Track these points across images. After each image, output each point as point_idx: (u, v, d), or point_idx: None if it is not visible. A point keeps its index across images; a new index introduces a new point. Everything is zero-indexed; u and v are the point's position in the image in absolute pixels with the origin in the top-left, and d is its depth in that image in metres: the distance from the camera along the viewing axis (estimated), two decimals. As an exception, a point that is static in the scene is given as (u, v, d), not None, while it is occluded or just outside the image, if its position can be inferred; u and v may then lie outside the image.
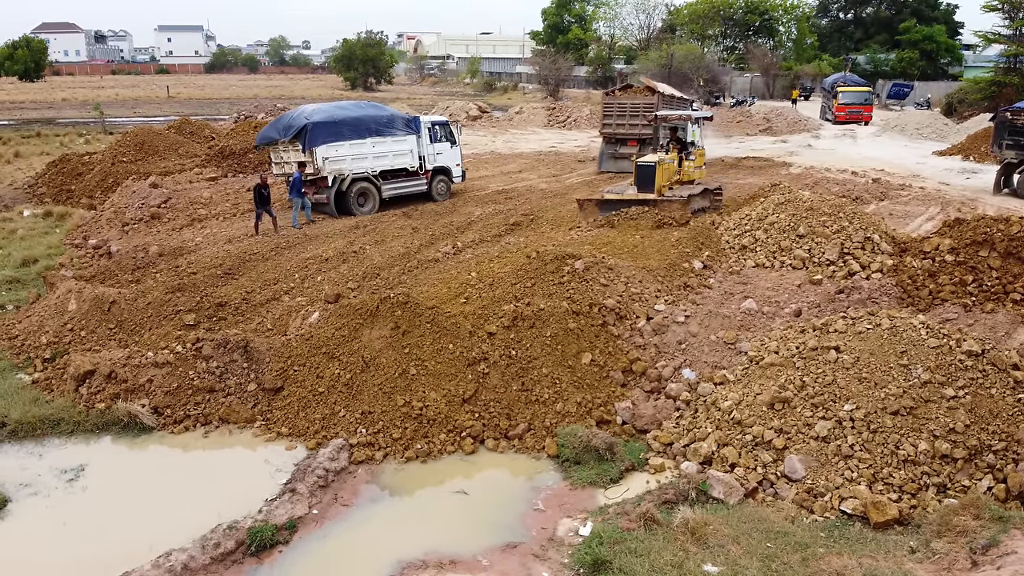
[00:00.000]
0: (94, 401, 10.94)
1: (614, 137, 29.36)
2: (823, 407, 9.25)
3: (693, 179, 21.65)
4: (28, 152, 37.26)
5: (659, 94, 28.41)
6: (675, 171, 20.66)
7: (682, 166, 21.08)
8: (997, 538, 7.22)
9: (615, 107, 29.27)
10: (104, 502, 9.15)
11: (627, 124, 28.94)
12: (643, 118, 27.96)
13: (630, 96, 29.32)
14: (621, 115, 29.02)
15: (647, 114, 27.46)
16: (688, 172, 21.38)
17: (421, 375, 10.75)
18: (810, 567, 7.36)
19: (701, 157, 22.69)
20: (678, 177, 20.81)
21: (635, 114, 28.64)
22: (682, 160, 21.11)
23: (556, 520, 8.61)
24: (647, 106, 28.14)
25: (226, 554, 7.91)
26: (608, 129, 29.51)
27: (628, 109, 28.80)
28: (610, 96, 29.99)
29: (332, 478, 9.29)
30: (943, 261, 13.17)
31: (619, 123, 29.14)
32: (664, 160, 20.05)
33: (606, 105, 29.76)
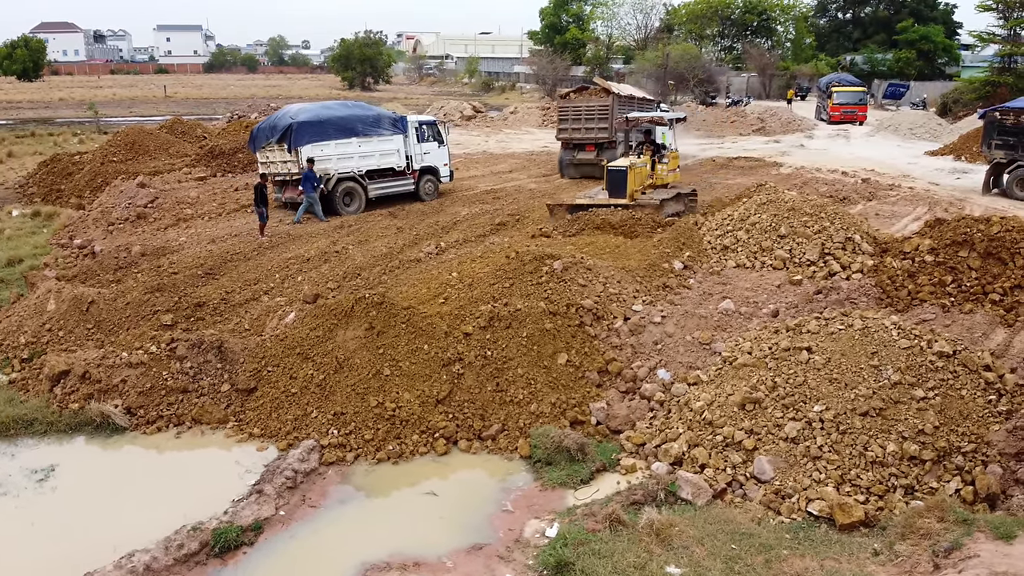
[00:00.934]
0: (68, 401, 10.92)
1: (571, 142, 27.80)
2: (793, 408, 9.23)
3: (667, 183, 21.13)
4: (21, 152, 37.26)
5: (614, 95, 26.81)
6: (648, 175, 20.17)
7: (655, 169, 20.57)
8: (960, 541, 7.19)
9: (570, 110, 27.62)
10: (73, 503, 9.11)
11: (583, 128, 27.33)
12: (598, 121, 26.69)
13: (585, 98, 27.49)
14: (576, 118, 27.43)
15: (602, 117, 26.39)
16: (661, 176, 20.86)
17: (395, 376, 10.73)
18: (772, 569, 7.33)
19: (675, 160, 22.06)
20: (651, 181, 20.36)
21: (590, 117, 27.08)
22: (655, 163, 20.61)
23: (524, 521, 8.58)
24: (602, 108, 26.71)
25: (189, 555, 7.88)
26: (564, 134, 27.92)
27: (583, 112, 27.20)
28: (565, 99, 28.28)
29: (301, 479, 9.27)
30: (923, 261, 13.13)
31: (575, 127, 27.50)
32: (636, 164, 19.55)
33: (560, 108, 28.12)
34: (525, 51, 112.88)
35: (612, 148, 25.93)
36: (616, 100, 26.52)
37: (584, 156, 27.12)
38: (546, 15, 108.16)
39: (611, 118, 26.10)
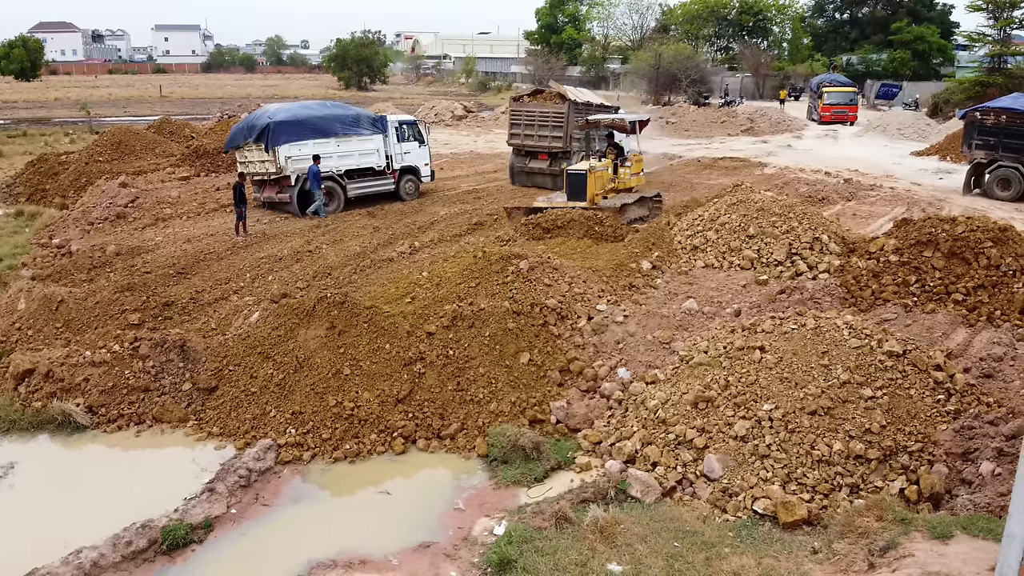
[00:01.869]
0: (31, 400, 10.98)
1: (523, 149, 25.49)
2: (744, 407, 9.29)
3: (631, 187, 20.58)
4: (11, 152, 37.26)
5: (570, 102, 24.38)
6: (609, 179, 19.76)
7: (617, 173, 20.12)
8: (897, 540, 7.25)
9: (523, 115, 25.25)
10: (29, 500, 9.19)
11: (535, 135, 24.92)
12: (552, 129, 24.42)
13: (539, 103, 25.21)
14: (529, 124, 24.97)
15: (557, 124, 24.25)
16: (624, 179, 20.34)
17: (355, 375, 10.79)
18: (712, 567, 7.39)
19: (639, 163, 21.39)
20: (613, 185, 19.89)
21: (544, 124, 24.66)
22: (617, 167, 20.17)
23: (474, 520, 8.65)
24: (556, 116, 24.38)
25: (138, 552, 7.94)
26: (516, 140, 25.47)
27: (536, 118, 24.80)
28: (518, 102, 26.02)
29: (255, 478, 9.32)
30: (887, 262, 13.22)
31: (527, 133, 25.10)
32: (596, 168, 19.16)
33: (513, 113, 25.79)
34: (522, 51, 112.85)
35: (567, 158, 23.98)
36: (572, 107, 24.37)
37: (536, 165, 25.19)
38: (542, 15, 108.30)
39: (566, 126, 24.10)
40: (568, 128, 24.02)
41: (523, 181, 25.61)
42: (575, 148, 24.20)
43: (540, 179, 25.02)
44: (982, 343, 11.16)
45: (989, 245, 12.54)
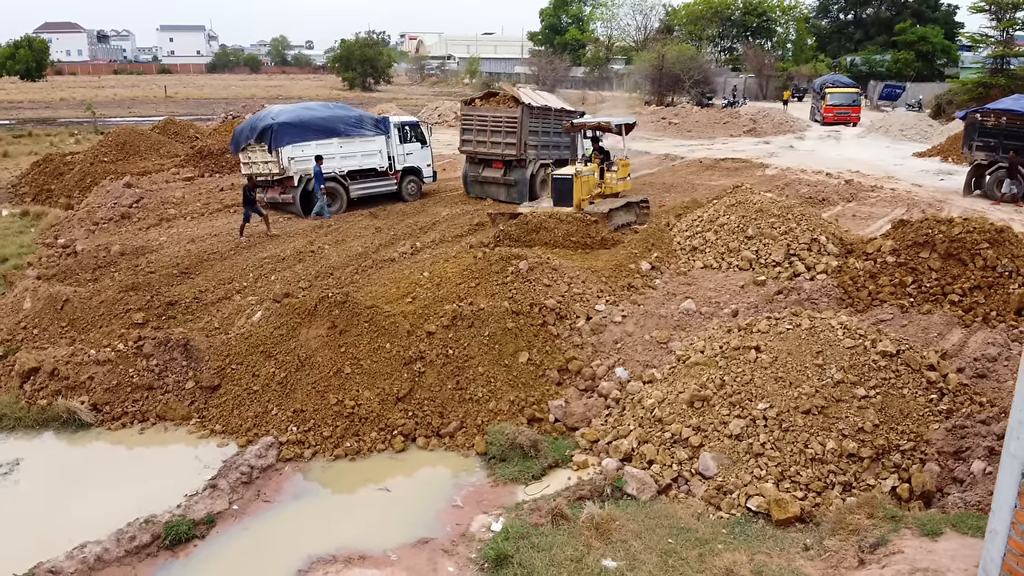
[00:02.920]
0: (37, 398, 11.13)
1: (475, 156, 23.68)
2: (739, 406, 9.40)
3: (617, 191, 20.22)
4: (16, 152, 37.48)
5: (523, 106, 22.43)
6: (596, 183, 19.42)
7: (604, 178, 19.77)
8: (887, 537, 7.36)
9: (475, 120, 23.33)
10: (34, 496, 9.32)
11: (488, 141, 22.99)
12: (505, 135, 22.57)
13: (492, 107, 23.19)
14: (481, 130, 23.09)
15: (510, 130, 22.47)
16: (611, 184, 19.93)
17: (356, 374, 10.92)
18: (705, 563, 7.50)
19: (625, 168, 20.89)
20: (600, 190, 19.57)
21: (496, 130, 22.74)
22: (603, 172, 19.82)
23: (472, 516, 8.77)
24: (509, 121, 22.45)
25: (141, 547, 8.08)
26: (468, 147, 23.59)
27: (489, 123, 22.86)
28: (469, 106, 23.89)
29: (257, 475, 9.46)
30: (884, 262, 13.31)
31: (479, 139, 23.19)
32: (582, 172, 18.86)
33: (464, 118, 23.85)
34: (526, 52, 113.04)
35: (522, 167, 22.73)
36: (527, 112, 22.43)
37: (490, 174, 23.36)
38: (546, 16, 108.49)
39: (520, 133, 22.27)
40: (522, 134, 22.39)
41: (477, 192, 24.01)
42: (530, 156, 22.76)
43: (494, 189, 23.43)
44: (977, 343, 11.24)
45: (985, 246, 12.62)
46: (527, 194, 22.55)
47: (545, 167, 22.86)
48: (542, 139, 23.11)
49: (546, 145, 23.34)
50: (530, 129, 22.56)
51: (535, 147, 22.86)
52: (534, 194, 22.68)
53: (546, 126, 23.26)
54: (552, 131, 23.45)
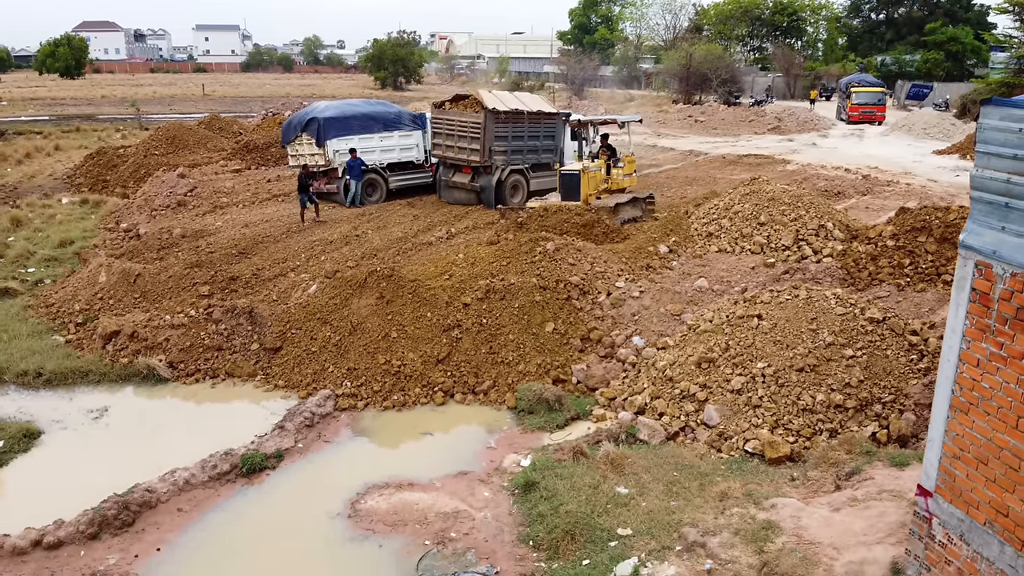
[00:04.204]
0: (118, 356, 12.62)
1: (445, 161, 23.10)
2: (741, 365, 10.60)
3: (624, 187, 20.48)
4: (67, 146, 39.57)
5: (487, 111, 21.47)
6: (603, 179, 19.84)
7: (611, 174, 20.09)
8: (861, 468, 8.56)
9: (443, 124, 22.66)
10: (123, 435, 10.79)
11: (455, 146, 22.34)
12: (470, 140, 21.86)
13: (459, 111, 22.47)
14: (450, 134, 22.44)
15: (474, 136, 21.73)
16: (617, 180, 20.24)
17: (401, 338, 12.28)
18: (704, 490, 8.75)
19: (631, 164, 21.09)
20: (606, 186, 19.92)
21: (463, 135, 22.04)
22: (610, 168, 20.11)
23: (504, 455, 10.09)
24: (474, 126, 21.68)
25: (222, 474, 9.49)
26: (438, 151, 23.08)
27: (456, 127, 22.19)
28: (439, 109, 23.14)
29: (317, 420, 10.85)
30: (884, 246, 14.39)
31: (447, 144, 22.57)
32: (589, 168, 19.32)
33: (434, 121, 23.10)
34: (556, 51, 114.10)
35: (488, 173, 22.11)
36: (492, 117, 21.52)
37: (459, 179, 22.79)
38: (575, 15, 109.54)
39: (484, 138, 21.51)
40: (486, 140, 21.58)
41: (447, 197, 23.41)
42: (497, 162, 22.03)
43: (462, 195, 22.91)
44: (965, 318, 12.30)
45: (978, 231, 13.65)
46: (493, 201, 21.95)
47: (518, 173, 22.43)
48: (513, 144, 22.26)
49: (518, 150, 22.48)
50: (497, 134, 21.76)
51: (503, 152, 22.08)
52: (502, 200, 22.01)
53: (518, 130, 22.42)
54: (527, 135, 22.64)
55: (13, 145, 39.44)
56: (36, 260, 18.65)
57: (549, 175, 22.57)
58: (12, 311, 15.03)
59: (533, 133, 22.88)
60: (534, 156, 23.01)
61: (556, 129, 23.36)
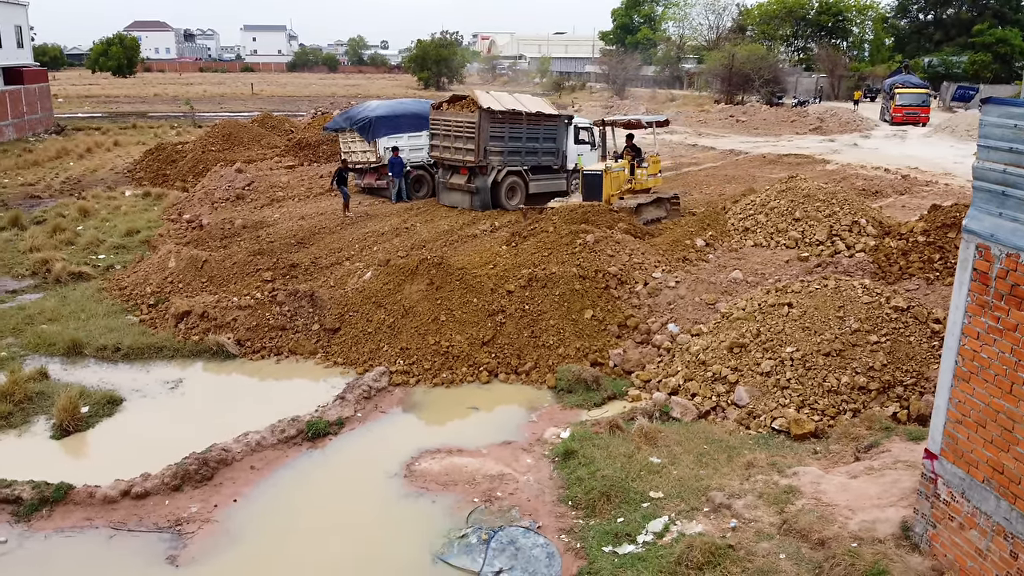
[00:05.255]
0: (190, 334, 13.67)
1: (442, 162, 22.69)
2: (771, 350, 11.25)
3: (648, 188, 20.45)
4: (125, 142, 41.39)
5: (482, 112, 21.08)
6: (626, 179, 19.82)
7: (635, 174, 20.09)
8: (879, 441, 9.18)
9: (440, 124, 22.24)
10: (197, 403, 11.81)
11: (452, 147, 21.96)
12: (465, 141, 21.51)
13: (455, 112, 22.15)
14: (446, 135, 22.03)
15: (469, 136, 21.37)
16: (641, 180, 20.19)
17: (449, 322, 13.14)
18: (732, 461, 9.44)
19: (656, 164, 20.99)
20: (630, 186, 19.92)
21: (459, 135, 21.66)
22: (634, 168, 20.12)
23: (544, 428, 10.88)
24: (469, 126, 21.29)
25: (289, 438, 10.43)
26: (435, 152, 22.74)
27: (452, 128, 21.84)
28: (437, 110, 22.75)
29: (374, 393, 11.75)
30: (916, 241, 14.86)
31: (444, 145, 22.16)
32: (612, 168, 19.33)
33: (432, 122, 22.66)
34: (597, 51, 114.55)
35: (483, 174, 21.72)
36: (487, 117, 21.13)
37: (456, 180, 22.33)
38: (618, 16, 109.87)
39: (479, 139, 21.14)
40: (481, 140, 21.19)
41: (446, 199, 23.02)
42: (493, 163, 21.68)
43: (459, 196, 22.46)
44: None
45: (1007, 228, 14.08)
46: (489, 202, 21.85)
47: (516, 174, 22.18)
48: (510, 145, 21.87)
49: (516, 151, 22.09)
50: (492, 135, 21.40)
51: (499, 153, 21.67)
52: (498, 202, 21.93)
53: (516, 131, 21.99)
54: (525, 137, 22.25)
55: (73, 140, 41.38)
56: (105, 247, 19.94)
57: (550, 178, 22.80)
58: (87, 293, 16.23)
59: (532, 135, 22.44)
60: (533, 158, 22.58)
61: (557, 131, 22.98)
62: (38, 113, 46.31)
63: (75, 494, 9.07)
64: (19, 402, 11.31)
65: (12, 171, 31.94)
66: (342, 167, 21.51)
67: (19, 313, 14.93)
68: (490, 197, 21.89)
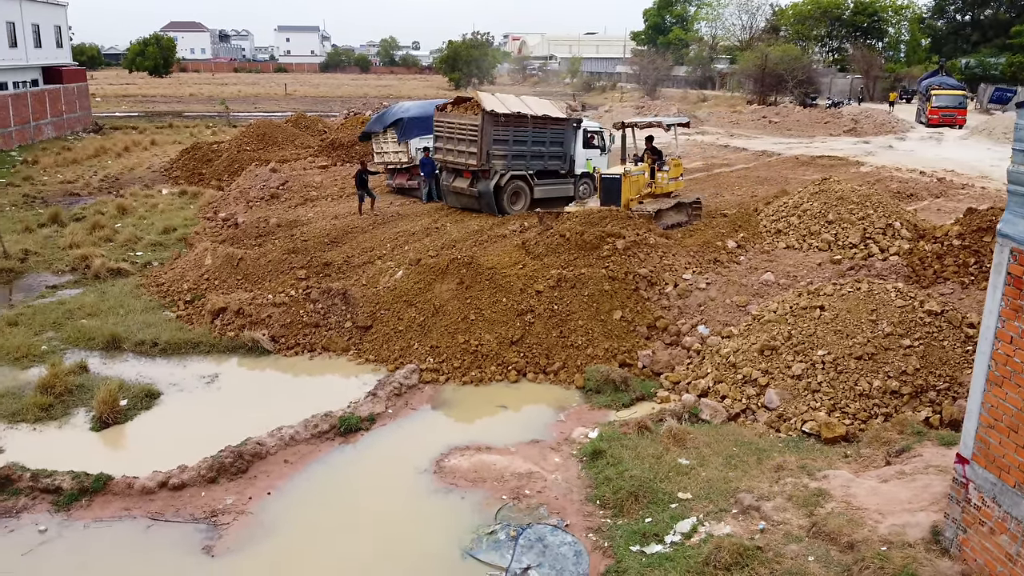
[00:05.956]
0: (225, 330, 13.93)
1: (446, 165, 22.22)
2: (802, 353, 11.21)
3: (669, 191, 20.04)
4: (162, 141, 42.11)
5: (485, 114, 20.55)
6: (646, 183, 19.35)
7: (655, 178, 19.63)
8: (911, 446, 9.13)
9: (444, 127, 21.77)
10: (233, 398, 12.04)
11: (455, 150, 21.46)
12: (468, 144, 21.02)
13: (459, 114, 21.61)
14: (450, 138, 21.58)
15: (471, 139, 20.90)
16: (662, 184, 19.78)
17: (479, 321, 13.25)
18: (761, 463, 9.44)
19: (677, 168, 20.58)
20: (650, 190, 19.49)
21: (461, 138, 21.18)
22: (655, 171, 19.67)
23: (573, 427, 10.94)
24: (472, 129, 20.82)
25: (322, 433, 10.60)
26: (439, 155, 22.24)
27: (456, 131, 21.35)
28: (441, 112, 22.16)
29: (405, 390, 11.90)
30: (950, 245, 14.70)
31: (448, 148, 21.69)
32: (631, 172, 18.90)
33: (436, 125, 22.14)
34: (629, 51, 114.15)
35: (486, 178, 21.18)
36: (490, 119, 20.61)
37: (460, 184, 21.82)
38: (650, 16, 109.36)
39: (481, 141, 20.65)
40: (484, 143, 20.70)
41: (452, 202, 22.61)
42: (496, 166, 21.17)
43: (463, 200, 22.06)
44: None
45: (1045, 232, 13.87)
46: (494, 206, 21.35)
47: (520, 179, 21.75)
48: (514, 148, 21.35)
49: (520, 155, 21.58)
50: (495, 138, 20.90)
51: (503, 157, 21.18)
52: (501, 207, 21.44)
53: (521, 135, 21.46)
54: (531, 140, 21.77)
55: (111, 139, 42.21)
56: (143, 245, 20.36)
57: (557, 183, 22.47)
58: (126, 289, 16.59)
59: (538, 139, 21.98)
60: (539, 162, 22.12)
61: (565, 135, 22.48)
62: (77, 112, 47.24)
63: (114, 485, 9.31)
64: (59, 394, 11.61)
65: (52, 169, 32.67)
66: (362, 169, 21.70)
67: (59, 308, 15.31)
68: (493, 201, 21.37)
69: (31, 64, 47.01)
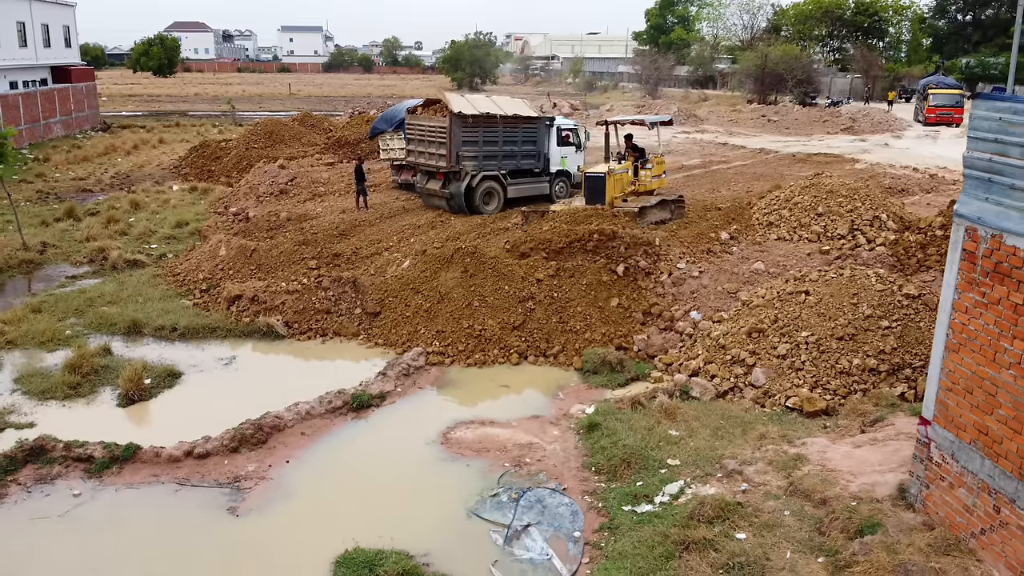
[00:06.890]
0: (241, 316, 14.63)
1: (417, 168, 22.50)
2: (788, 334, 11.88)
3: (652, 189, 20.26)
4: (170, 139, 42.87)
5: (452, 116, 20.63)
6: (629, 181, 19.59)
7: (638, 176, 19.84)
8: (885, 416, 9.80)
9: (415, 129, 22.13)
10: (250, 378, 12.73)
11: (426, 152, 21.71)
12: (437, 146, 21.26)
13: (428, 116, 21.94)
14: (421, 140, 21.93)
15: (440, 141, 21.10)
16: (645, 182, 20.00)
17: (482, 307, 13.93)
18: (746, 433, 10.11)
19: (660, 166, 20.78)
20: (633, 188, 19.71)
21: (432, 140, 21.46)
22: (638, 169, 19.89)
23: (570, 404, 11.63)
24: (440, 131, 21.02)
25: (336, 408, 11.29)
26: (411, 158, 22.59)
27: (426, 133, 21.66)
28: (412, 115, 22.61)
29: (412, 371, 12.58)
30: (934, 235, 15.36)
31: (419, 150, 22.03)
32: (615, 170, 19.11)
33: (407, 127, 22.63)
34: (631, 51, 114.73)
35: (457, 179, 21.23)
36: (458, 121, 20.69)
37: (432, 185, 21.89)
38: (652, 16, 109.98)
39: (450, 143, 20.77)
40: (453, 145, 20.82)
41: (428, 203, 22.75)
42: (467, 168, 21.20)
43: (437, 201, 22.17)
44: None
45: None
46: (464, 207, 21.36)
47: (492, 179, 21.86)
48: (484, 149, 21.50)
49: (492, 155, 21.70)
50: (465, 139, 21.01)
51: (473, 158, 21.22)
52: (473, 207, 21.47)
53: (491, 135, 21.64)
54: (502, 140, 21.94)
55: (120, 138, 42.99)
56: (157, 238, 21.08)
57: (531, 181, 22.71)
58: (143, 279, 17.30)
59: (510, 138, 22.11)
60: (511, 162, 22.24)
61: (537, 134, 22.65)
62: (85, 111, 48.00)
63: (142, 454, 9.99)
64: (86, 374, 12.31)
65: (63, 166, 33.42)
66: (359, 165, 22.42)
67: (80, 296, 16.01)
68: (464, 203, 21.37)
69: (40, 63, 47.83)
